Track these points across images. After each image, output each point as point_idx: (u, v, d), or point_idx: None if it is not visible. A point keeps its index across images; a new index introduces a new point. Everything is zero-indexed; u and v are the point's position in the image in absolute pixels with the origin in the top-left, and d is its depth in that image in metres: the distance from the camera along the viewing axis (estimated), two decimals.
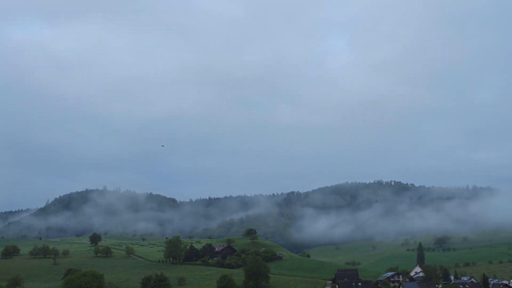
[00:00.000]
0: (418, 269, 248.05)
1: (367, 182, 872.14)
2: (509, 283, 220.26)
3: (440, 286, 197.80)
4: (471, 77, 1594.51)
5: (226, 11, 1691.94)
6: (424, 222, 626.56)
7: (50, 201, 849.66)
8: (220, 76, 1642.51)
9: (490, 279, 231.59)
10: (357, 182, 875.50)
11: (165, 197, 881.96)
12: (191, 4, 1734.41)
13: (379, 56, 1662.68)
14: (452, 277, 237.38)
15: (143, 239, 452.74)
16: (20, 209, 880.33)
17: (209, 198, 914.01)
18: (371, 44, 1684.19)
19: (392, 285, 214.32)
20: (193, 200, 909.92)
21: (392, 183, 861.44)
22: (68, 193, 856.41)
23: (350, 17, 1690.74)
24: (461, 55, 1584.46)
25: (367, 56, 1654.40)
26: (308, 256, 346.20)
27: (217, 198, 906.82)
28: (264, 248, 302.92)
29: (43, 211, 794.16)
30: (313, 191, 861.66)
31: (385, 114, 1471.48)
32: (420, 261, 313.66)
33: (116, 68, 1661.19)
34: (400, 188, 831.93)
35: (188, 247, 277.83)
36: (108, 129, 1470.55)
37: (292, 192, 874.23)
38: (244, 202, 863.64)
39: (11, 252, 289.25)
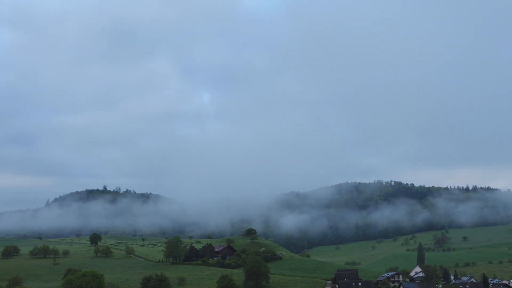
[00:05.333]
0: (418, 269, 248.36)
1: (367, 182, 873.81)
2: (509, 283, 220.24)
3: (440, 286, 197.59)
4: None
5: None
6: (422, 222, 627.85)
7: (50, 201, 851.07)
8: None
9: (490, 279, 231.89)
10: (357, 182, 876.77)
11: (164, 197, 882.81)
12: None
13: None
14: (452, 277, 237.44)
15: (143, 239, 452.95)
16: (20, 209, 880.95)
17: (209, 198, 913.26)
18: None
19: (392, 285, 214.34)
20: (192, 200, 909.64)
21: (392, 183, 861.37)
22: (68, 193, 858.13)
23: None
24: None
25: None
26: (308, 256, 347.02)
27: (217, 198, 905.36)
28: (264, 248, 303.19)
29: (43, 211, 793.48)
30: (313, 191, 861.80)
31: None
32: (420, 261, 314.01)
33: None
34: (400, 188, 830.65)
35: (188, 247, 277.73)
36: None
37: (292, 192, 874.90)
38: (245, 202, 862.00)
39: (11, 252, 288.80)
